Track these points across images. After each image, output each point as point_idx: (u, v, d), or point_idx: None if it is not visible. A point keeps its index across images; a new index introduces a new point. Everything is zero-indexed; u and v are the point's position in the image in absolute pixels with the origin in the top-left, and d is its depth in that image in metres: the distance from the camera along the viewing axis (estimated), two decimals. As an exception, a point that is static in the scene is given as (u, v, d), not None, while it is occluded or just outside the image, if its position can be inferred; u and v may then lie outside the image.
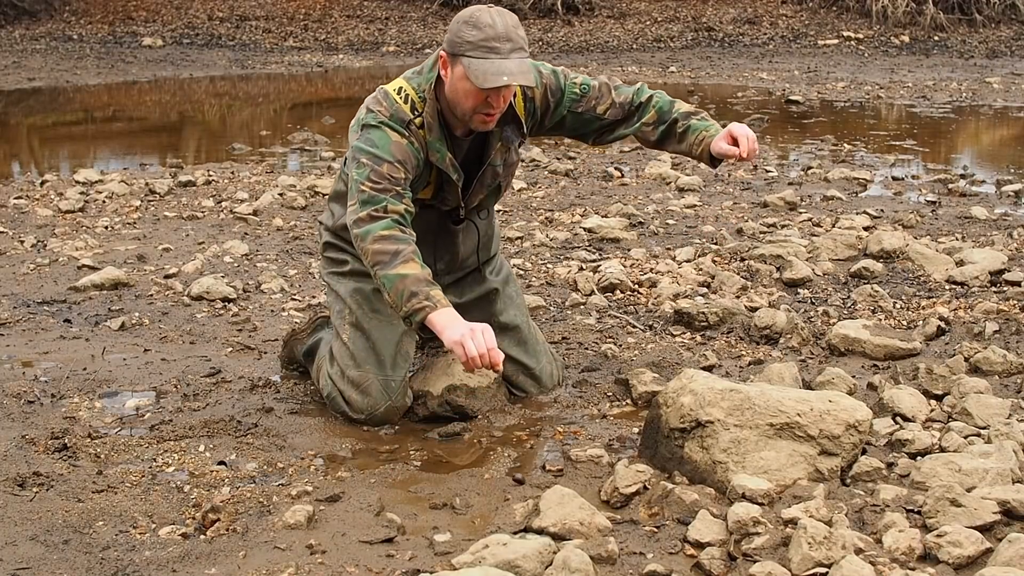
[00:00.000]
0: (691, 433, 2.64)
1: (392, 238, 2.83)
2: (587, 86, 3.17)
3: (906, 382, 3.32)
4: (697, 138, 3.14)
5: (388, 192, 2.87)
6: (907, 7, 17.00)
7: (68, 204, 5.93)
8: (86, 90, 12.07)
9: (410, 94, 2.97)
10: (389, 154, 2.89)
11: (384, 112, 2.95)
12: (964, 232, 5.41)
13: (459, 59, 2.85)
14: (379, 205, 2.86)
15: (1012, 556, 2.16)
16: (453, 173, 3.03)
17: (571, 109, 3.16)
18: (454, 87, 2.90)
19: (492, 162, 3.10)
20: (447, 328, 2.75)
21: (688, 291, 4.32)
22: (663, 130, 3.19)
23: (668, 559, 2.32)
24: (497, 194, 3.24)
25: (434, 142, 2.97)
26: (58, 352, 3.68)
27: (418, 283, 2.78)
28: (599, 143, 3.32)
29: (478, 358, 2.72)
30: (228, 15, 17.46)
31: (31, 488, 2.65)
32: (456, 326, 2.75)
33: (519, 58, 2.84)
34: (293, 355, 3.47)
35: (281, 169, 7.47)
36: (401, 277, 2.78)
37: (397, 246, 2.83)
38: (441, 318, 2.76)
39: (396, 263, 2.80)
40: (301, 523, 2.47)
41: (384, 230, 2.84)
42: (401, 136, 2.92)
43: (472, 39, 2.82)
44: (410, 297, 2.77)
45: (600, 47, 15.97)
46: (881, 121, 10.02)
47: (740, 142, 3.05)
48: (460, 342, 2.72)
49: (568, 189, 6.61)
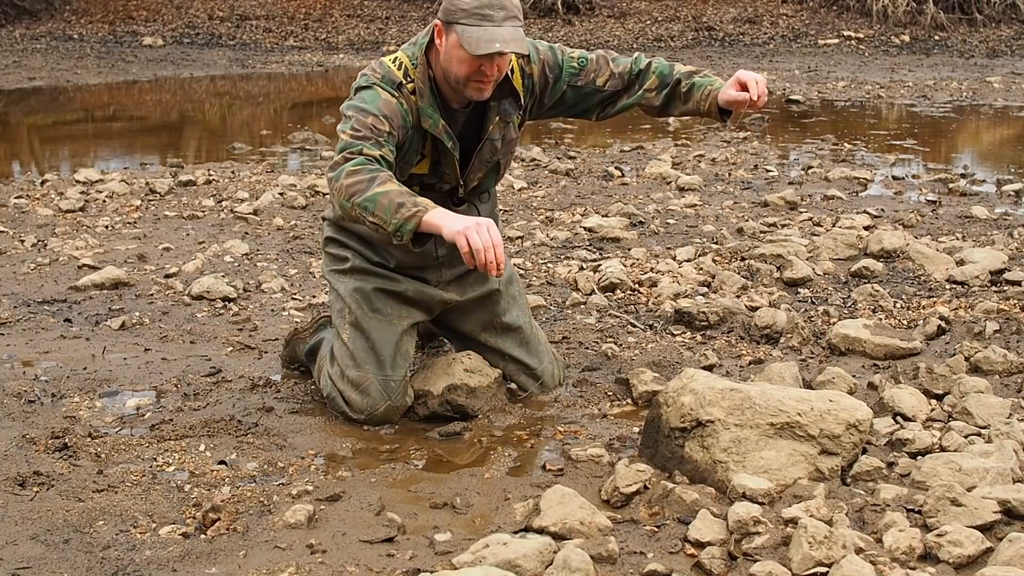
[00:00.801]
0: (691, 432, 2.64)
1: (364, 169, 2.73)
2: (585, 59, 3.17)
3: (906, 381, 3.32)
4: (703, 94, 3.13)
5: (367, 140, 2.82)
6: (907, 6, 17.00)
7: (68, 203, 5.93)
8: (86, 89, 12.08)
9: (403, 61, 2.98)
10: (376, 108, 2.88)
11: (375, 75, 2.96)
12: (964, 231, 5.41)
13: (453, 27, 2.85)
14: (353, 148, 2.79)
15: (1012, 556, 2.16)
16: (448, 140, 2.99)
17: (570, 83, 3.16)
18: (448, 55, 2.90)
19: (490, 136, 3.08)
20: (446, 222, 2.62)
21: (688, 291, 4.32)
22: (667, 93, 3.18)
23: (668, 559, 2.32)
24: (496, 173, 3.21)
25: (425, 107, 2.96)
26: (58, 351, 3.68)
27: (402, 195, 2.67)
28: (603, 117, 3.28)
29: (482, 251, 2.58)
30: (228, 14, 17.46)
31: (31, 487, 2.65)
32: (456, 218, 2.62)
33: (513, 26, 2.84)
34: (295, 354, 3.47)
35: (281, 169, 7.47)
36: (383, 194, 2.67)
37: (371, 174, 2.72)
38: (437, 216, 2.63)
39: (373, 186, 2.69)
40: (301, 522, 2.47)
41: (355, 165, 2.73)
42: (391, 96, 2.92)
43: (466, 6, 2.82)
44: (398, 208, 2.65)
45: (600, 47, 15.94)
46: (881, 120, 10.02)
47: (750, 86, 3.02)
48: (463, 232, 2.59)
49: (568, 188, 6.61)
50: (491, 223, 2.64)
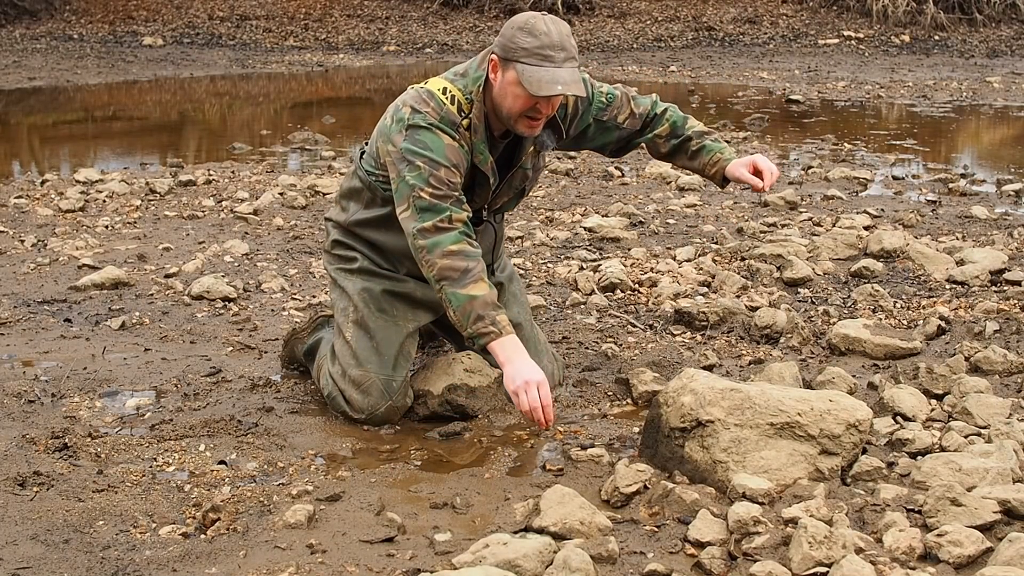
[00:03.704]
0: (691, 432, 2.64)
1: (461, 253, 2.84)
2: (612, 95, 3.20)
3: (906, 381, 3.32)
4: (711, 159, 3.20)
5: (448, 199, 2.86)
6: (907, 6, 17.00)
7: (68, 203, 5.93)
8: (86, 89, 12.07)
9: (456, 95, 2.95)
10: (444, 158, 2.88)
11: (433, 113, 2.92)
12: (964, 231, 5.41)
13: (512, 64, 2.85)
14: (443, 215, 2.85)
15: (1012, 556, 2.16)
16: (492, 176, 3.03)
17: (596, 117, 3.19)
18: (503, 90, 2.89)
19: (523, 165, 3.11)
20: (509, 364, 2.81)
21: (688, 290, 4.32)
22: (675, 144, 3.25)
23: (668, 558, 2.32)
24: (520, 197, 3.25)
25: (479, 144, 2.96)
26: (58, 351, 3.68)
27: (485, 307, 2.82)
28: (615, 155, 3.36)
29: (530, 412, 2.79)
30: (228, 14, 17.46)
31: (31, 488, 2.65)
32: (517, 366, 2.79)
33: (571, 67, 2.86)
34: (294, 354, 3.47)
35: (281, 168, 7.47)
36: (471, 299, 2.82)
37: (467, 263, 2.84)
38: (506, 349, 2.81)
39: (466, 282, 2.82)
40: (301, 522, 2.47)
41: (453, 244, 2.84)
42: (452, 139, 2.91)
43: (527, 46, 2.82)
44: (477, 320, 2.82)
45: (600, 46, 15.97)
46: (881, 120, 10.02)
47: (765, 176, 3.12)
48: (517, 390, 2.79)
49: (568, 188, 6.61)
50: (543, 381, 2.80)
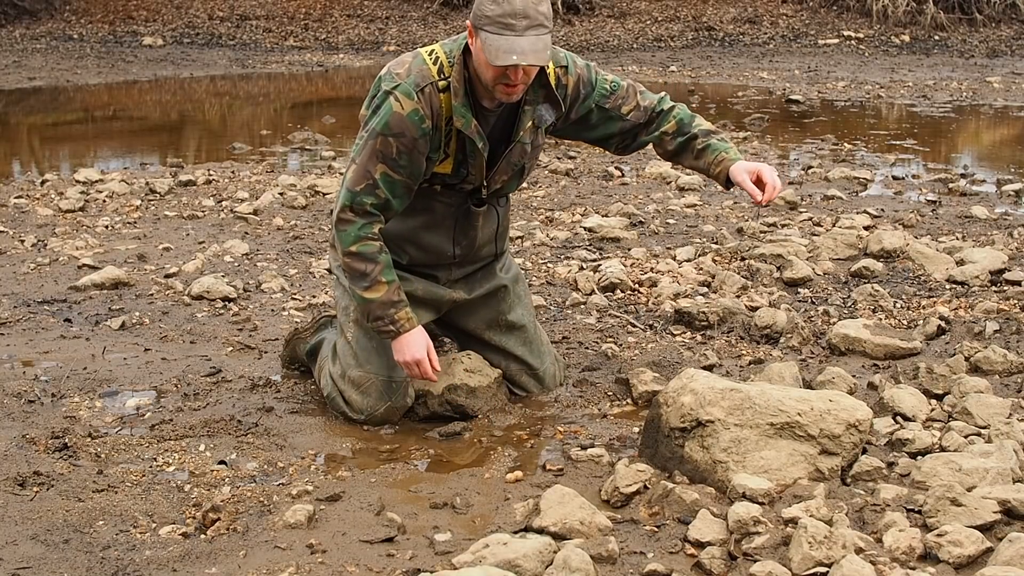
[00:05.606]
0: (691, 432, 2.64)
1: (360, 255, 2.97)
2: (616, 84, 3.18)
3: (906, 381, 3.32)
4: (716, 158, 3.18)
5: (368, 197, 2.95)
6: (907, 6, 17.00)
7: (68, 203, 5.93)
8: (86, 89, 12.07)
9: (440, 57, 2.95)
10: (386, 127, 2.90)
11: (403, 75, 2.93)
12: (964, 231, 5.41)
13: (479, 32, 2.84)
14: (358, 209, 2.97)
15: (1012, 555, 2.16)
16: (479, 140, 2.97)
17: (599, 104, 3.16)
18: (477, 57, 2.88)
19: (521, 140, 3.06)
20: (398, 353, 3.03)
21: (688, 290, 4.32)
22: (681, 142, 3.22)
23: (668, 558, 2.32)
24: (520, 177, 3.19)
25: (459, 107, 2.93)
26: (58, 351, 3.68)
27: (383, 307, 2.99)
28: (622, 151, 3.31)
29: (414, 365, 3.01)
30: (228, 14, 17.46)
31: (31, 488, 2.65)
32: (402, 350, 3.01)
33: (536, 35, 2.79)
34: (295, 354, 3.47)
35: (281, 168, 7.47)
36: (368, 301, 2.99)
37: (365, 266, 2.97)
38: (401, 344, 3.02)
39: (365, 284, 2.98)
40: (301, 522, 2.47)
41: (353, 244, 2.96)
42: (409, 100, 2.89)
43: (490, 13, 2.80)
44: (376, 319, 3.01)
45: (600, 46, 15.96)
46: (881, 120, 10.02)
47: (767, 189, 3.11)
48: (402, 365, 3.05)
49: (568, 188, 6.61)
50: (423, 361, 3.01)
